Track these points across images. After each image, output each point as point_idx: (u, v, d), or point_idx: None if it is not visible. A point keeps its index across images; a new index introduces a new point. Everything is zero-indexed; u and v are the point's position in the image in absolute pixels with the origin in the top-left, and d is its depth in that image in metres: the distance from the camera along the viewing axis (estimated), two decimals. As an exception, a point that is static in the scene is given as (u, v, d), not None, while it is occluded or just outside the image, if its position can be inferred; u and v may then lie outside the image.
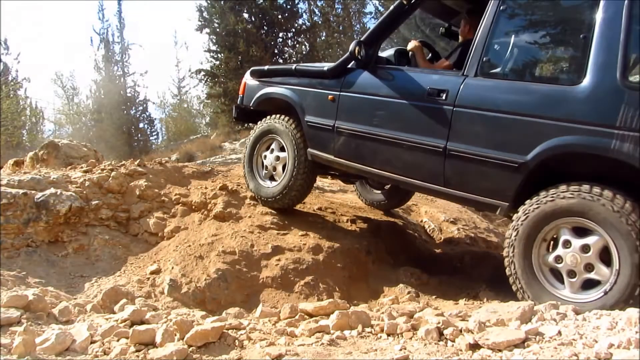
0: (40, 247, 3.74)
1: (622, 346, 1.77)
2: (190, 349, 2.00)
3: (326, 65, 3.87)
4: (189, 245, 3.78)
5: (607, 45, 2.54)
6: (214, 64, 16.60)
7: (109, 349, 2.04)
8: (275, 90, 4.19)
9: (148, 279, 3.48)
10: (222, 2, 15.95)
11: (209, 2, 16.21)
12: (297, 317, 2.50)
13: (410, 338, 2.12)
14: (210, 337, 2.06)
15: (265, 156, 4.30)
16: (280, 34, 16.76)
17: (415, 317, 2.33)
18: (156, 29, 52.95)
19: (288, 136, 4.04)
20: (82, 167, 4.67)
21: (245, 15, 15.95)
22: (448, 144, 3.05)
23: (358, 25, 17.47)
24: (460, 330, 2.10)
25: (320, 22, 17.60)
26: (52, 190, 3.99)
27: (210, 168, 5.39)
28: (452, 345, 2.03)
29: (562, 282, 2.63)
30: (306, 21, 17.52)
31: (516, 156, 2.77)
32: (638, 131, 2.38)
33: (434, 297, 3.53)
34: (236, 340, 2.10)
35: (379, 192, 5.11)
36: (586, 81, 2.58)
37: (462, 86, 3.02)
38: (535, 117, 2.72)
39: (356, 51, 3.51)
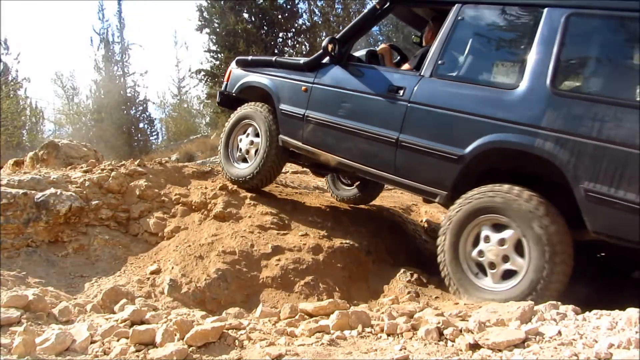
0: (40, 247, 3.74)
1: (622, 346, 1.77)
2: (190, 349, 2.00)
3: (302, 59, 4.18)
4: (189, 245, 3.78)
5: (542, 55, 2.87)
6: (214, 64, 16.63)
7: (109, 349, 2.04)
8: (256, 79, 4.51)
9: (148, 279, 3.48)
10: (222, 2, 15.98)
11: (209, 2, 16.23)
12: (297, 317, 2.50)
13: (410, 338, 2.12)
14: (210, 337, 2.06)
15: (240, 140, 4.57)
16: (280, 34, 16.79)
17: (415, 317, 2.33)
18: (156, 29, 53.06)
19: (263, 122, 4.32)
20: (82, 167, 4.67)
21: (245, 15, 15.98)
22: (400, 136, 3.36)
23: (358, 25, 17.42)
24: (460, 330, 2.10)
25: (320, 22, 17.59)
26: (52, 190, 3.99)
27: (210, 168, 5.38)
28: (452, 345, 2.03)
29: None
30: (306, 21, 17.56)
31: (456, 149, 3.08)
32: (559, 132, 2.68)
33: (434, 297, 3.53)
34: (236, 340, 2.10)
35: (351, 187, 5.27)
36: (522, 86, 2.90)
37: (417, 85, 3.34)
38: (476, 115, 3.03)
39: (329, 48, 3.79)
